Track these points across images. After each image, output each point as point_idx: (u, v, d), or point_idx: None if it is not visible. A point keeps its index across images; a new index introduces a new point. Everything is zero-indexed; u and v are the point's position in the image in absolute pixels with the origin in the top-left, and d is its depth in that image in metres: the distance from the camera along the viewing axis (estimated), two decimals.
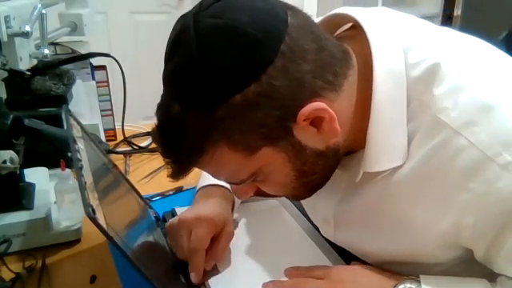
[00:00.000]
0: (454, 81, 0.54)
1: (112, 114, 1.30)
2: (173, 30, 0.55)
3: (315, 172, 0.59)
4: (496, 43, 0.63)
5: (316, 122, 0.54)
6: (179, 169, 0.58)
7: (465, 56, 0.58)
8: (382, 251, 0.64)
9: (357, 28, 0.61)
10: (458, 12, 2.86)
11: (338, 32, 0.66)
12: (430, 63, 0.56)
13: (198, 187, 0.84)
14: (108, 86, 1.27)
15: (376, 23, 0.60)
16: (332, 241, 0.74)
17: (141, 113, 2.88)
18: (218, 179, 0.68)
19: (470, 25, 2.77)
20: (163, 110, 0.56)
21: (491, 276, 0.59)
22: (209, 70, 0.51)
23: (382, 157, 0.58)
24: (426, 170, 0.55)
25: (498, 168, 0.50)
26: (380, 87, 0.56)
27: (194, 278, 0.70)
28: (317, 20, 0.64)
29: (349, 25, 0.65)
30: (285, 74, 0.51)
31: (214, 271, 0.74)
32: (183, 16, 0.54)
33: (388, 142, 0.57)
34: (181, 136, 0.54)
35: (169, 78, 0.55)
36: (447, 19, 2.90)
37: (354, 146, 0.60)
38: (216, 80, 0.51)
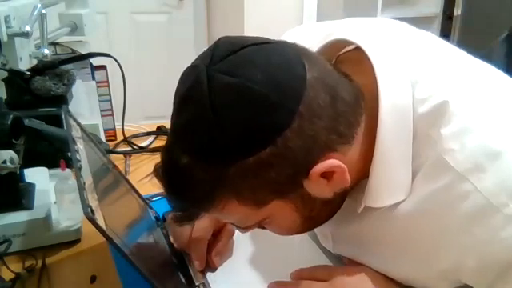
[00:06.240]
0: (462, 122, 0.52)
1: (112, 114, 1.30)
2: (184, 80, 0.53)
3: (321, 216, 0.60)
4: (496, 43, 0.62)
5: (327, 175, 0.53)
6: (186, 215, 0.59)
7: (474, 94, 0.56)
8: (380, 271, 0.64)
9: (361, 50, 0.59)
10: (458, 12, 2.86)
11: (341, 52, 0.64)
12: (438, 101, 0.54)
13: None
14: (108, 85, 1.27)
15: (383, 53, 0.57)
16: (331, 252, 0.75)
17: (141, 113, 2.89)
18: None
19: (470, 25, 2.77)
20: (172, 160, 0.53)
21: None
22: (222, 131, 0.49)
23: (385, 193, 0.57)
24: (428, 209, 0.54)
25: (503, 218, 0.50)
26: (385, 123, 0.54)
27: (197, 265, 0.73)
28: (318, 45, 0.63)
29: (352, 46, 0.62)
30: (300, 135, 0.49)
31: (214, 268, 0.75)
32: (194, 67, 0.52)
33: (392, 179, 0.56)
34: (189, 188, 0.53)
35: (179, 130, 0.53)
36: (447, 19, 2.90)
37: (360, 177, 0.59)
38: (228, 142, 0.49)
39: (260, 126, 0.49)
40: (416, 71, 0.57)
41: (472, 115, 0.53)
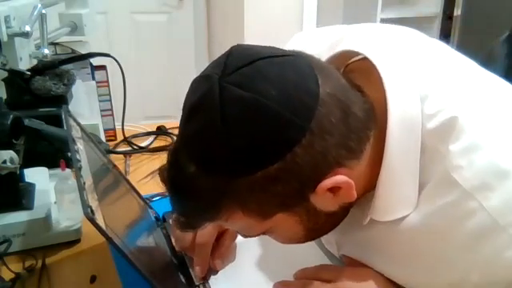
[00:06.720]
0: (471, 138, 0.52)
1: (112, 114, 1.30)
2: (195, 89, 0.52)
3: (324, 228, 0.60)
4: (497, 43, 0.62)
5: (334, 189, 0.53)
6: (189, 223, 0.58)
7: (484, 110, 0.55)
8: (385, 275, 0.64)
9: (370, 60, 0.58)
10: (458, 12, 2.86)
11: (351, 61, 0.63)
12: (447, 116, 0.53)
13: None
14: (108, 85, 1.27)
15: (393, 66, 0.57)
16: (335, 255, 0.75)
17: (141, 113, 2.89)
18: None
19: (470, 25, 2.77)
20: (178, 166, 0.52)
21: None
22: (231, 144, 0.48)
23: (391, 207, 0.57)
24: (434, 224, 0.54)
25: (509, 238, 0.50)
26: (394, 137, 0.54)
27: (198, 272, 0.71)
28: (327, 51, 0.62)
29: (362, 56, 0.61)
30: (310, 151, 0.49)
31: (215, 271, 0.74)
32: (206, 77, 0.51)
33: (398, 193, 0.56)
34: (194, 197, 0.53)
35: (187, 138, 0.52)
36: (447, 19, 2.90)
37: (367, 189, 0.59)
38: (237, 156, 0.49)
39: (270, 142, 0.48)
40: (426, 85, 0.56)
41: (481, 132, 0.52)
